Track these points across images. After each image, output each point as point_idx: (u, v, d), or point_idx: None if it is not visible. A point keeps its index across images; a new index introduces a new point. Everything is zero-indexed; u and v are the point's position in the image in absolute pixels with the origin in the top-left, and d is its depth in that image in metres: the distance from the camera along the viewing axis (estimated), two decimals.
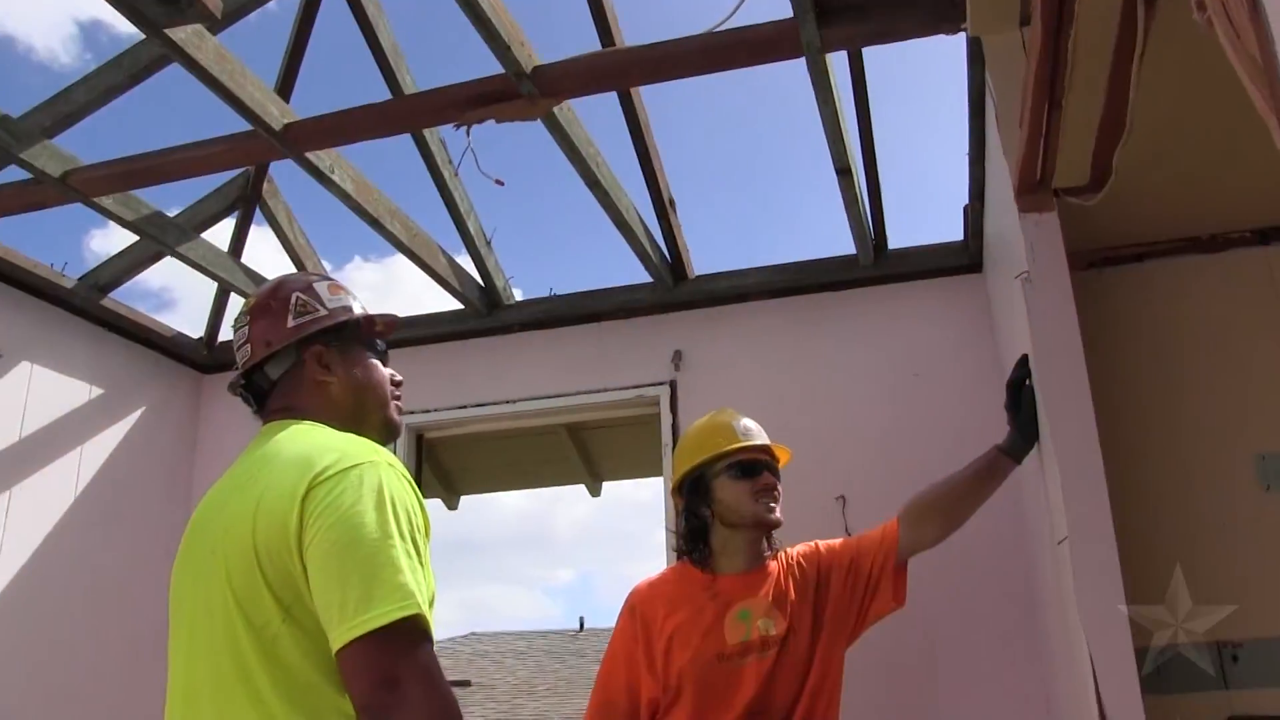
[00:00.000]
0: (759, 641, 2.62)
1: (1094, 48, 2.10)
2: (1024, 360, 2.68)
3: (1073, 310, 2.55)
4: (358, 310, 1.99)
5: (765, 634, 2.63)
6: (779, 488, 2.84)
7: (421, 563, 1.54)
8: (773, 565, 2.80)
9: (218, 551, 1.62)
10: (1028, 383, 2.69)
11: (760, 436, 2.89)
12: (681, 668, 2.55)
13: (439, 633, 1.57)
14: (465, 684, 13.96)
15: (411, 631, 1.45)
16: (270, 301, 1.94)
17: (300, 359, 1.89)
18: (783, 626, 2.65)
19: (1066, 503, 2.40)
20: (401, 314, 4.75)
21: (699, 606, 2.65)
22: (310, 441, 1.69)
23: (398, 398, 2.01)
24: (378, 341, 2.02)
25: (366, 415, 1.93)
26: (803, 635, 2.67)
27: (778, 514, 2.78)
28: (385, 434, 1.96)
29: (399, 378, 2.02)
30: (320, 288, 1.97)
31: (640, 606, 2.66)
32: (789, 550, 2.88)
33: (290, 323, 1.91)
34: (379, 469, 1.59)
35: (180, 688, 1.66)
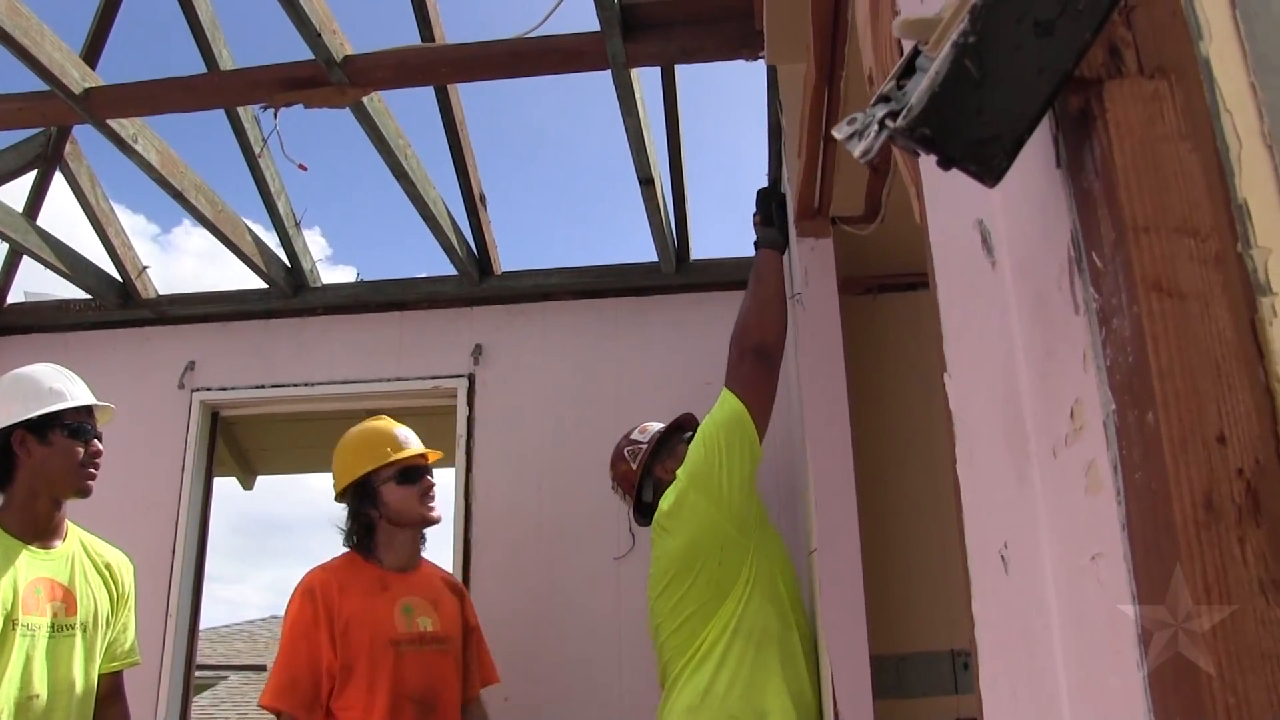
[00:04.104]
0: (419, 636, 2.91)
1: (863, 91, 2.23)
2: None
3: (839, 334, 2.68)
4: (660, 426, 3.21)
5: (424, 630, 2.95)
6: (434, 486, 3.14)
7: None
8: (428, 569, 3.13)
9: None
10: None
11: (416, 443, 3.15)
12: (357, 648, 2.80)
13: (240, 615, 1.60)
14: (262, 668, 13.62)
15: None
16: (617, 463, 3.22)
17: (654, 476, 3.10)
18: (439, 627, 3.01)
19: (818, 516, 2.54)
20: (220, 287, 4.67)
21: (372, 594, 2.91)
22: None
23: None
24: (688, 434, 3.05)
25: None
26: (455, 642, 3.05)
27: (438, 512, 3.09)
28: None
29: None
30: (634, 434, 3.22)
31: (320, 590, 2.85)
32: (444, 571, 3.28)
33: (633, 465, 3.16)
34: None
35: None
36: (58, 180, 4.36)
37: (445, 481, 3.54)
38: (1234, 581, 0.47)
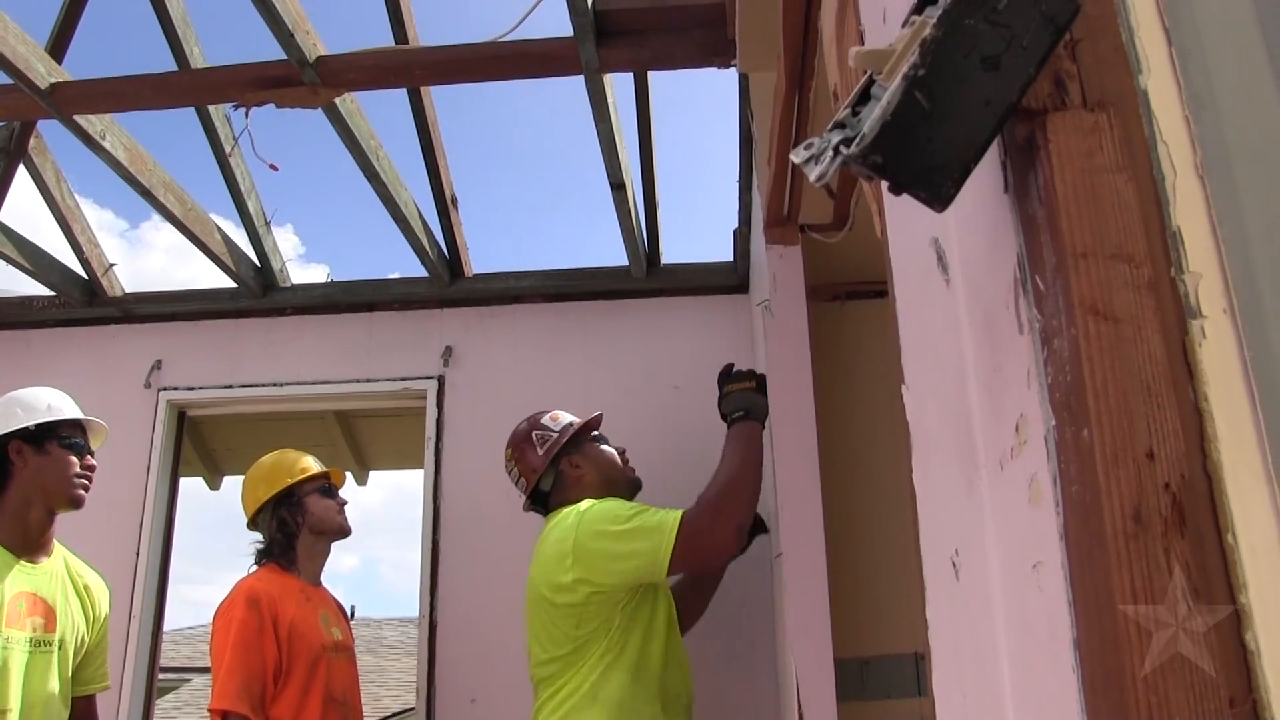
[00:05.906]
0: (335, 644, 3.23)
1: (832, 102, 2.26)
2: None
3: (806, 341, 2.72)
4: (575, 420, 3.13)
5: (336, 639, 3.26)
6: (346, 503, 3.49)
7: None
8: (323, 586, 3.42)
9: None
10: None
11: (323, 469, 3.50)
12: (296, 654, 3.06)
13: (207, 616, 1.62)
14: None
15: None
16: (521, 444, 3.14)
17: (558, 469, 3.06)
18: (345, 637, 3.33)
19: (783, 520, 2.57)
20: (190, 283, 4.66)
21: (300, 604, 3.18)
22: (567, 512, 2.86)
23: (626, 461, 3.18)
24: (595, 432, 3.18)
25: (614, 485, 3.05)
26: (354, 651, 3.40)
27: (349, 525, 3.44)
28: (631, 491, 3.09)
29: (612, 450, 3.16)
30: (545, 420, 3.16)
31: (263, 600, 3.07)
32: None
33: (539, 452, 3.07)
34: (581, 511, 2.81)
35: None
36: (21, 174, 4.33)
37: (414, 484, 3.59)
38: (1159, 590, 0.50)
